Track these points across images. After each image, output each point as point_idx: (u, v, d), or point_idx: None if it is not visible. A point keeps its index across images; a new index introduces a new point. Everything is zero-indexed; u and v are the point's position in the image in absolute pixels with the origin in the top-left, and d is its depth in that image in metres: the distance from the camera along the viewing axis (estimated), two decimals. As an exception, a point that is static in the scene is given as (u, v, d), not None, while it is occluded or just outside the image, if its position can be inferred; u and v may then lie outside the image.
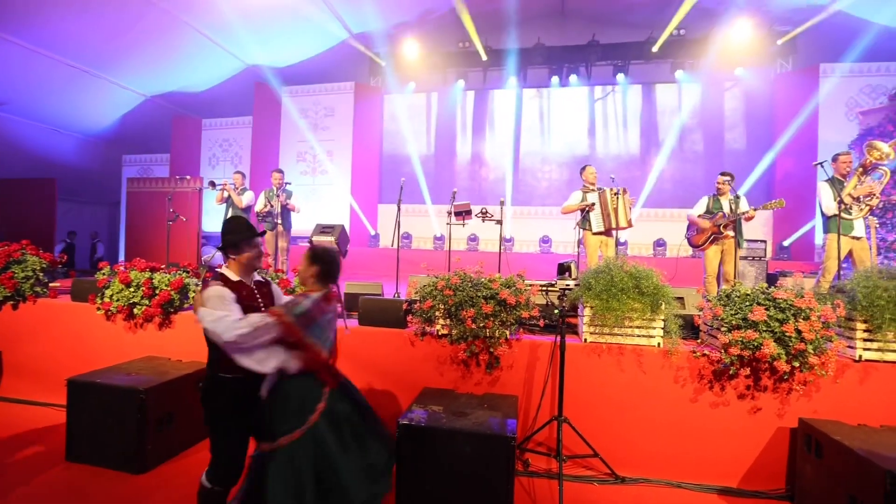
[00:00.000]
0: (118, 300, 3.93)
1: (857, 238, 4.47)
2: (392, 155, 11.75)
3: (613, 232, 5.17)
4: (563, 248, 9.81)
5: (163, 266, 4.28)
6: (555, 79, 10.53)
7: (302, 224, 7.67)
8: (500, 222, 5.11)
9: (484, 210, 5.12)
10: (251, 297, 2.19)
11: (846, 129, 8.60)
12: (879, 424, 2.71)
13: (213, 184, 6.63)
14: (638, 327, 3.08)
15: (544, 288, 3.78)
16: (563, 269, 4.55)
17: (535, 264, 8.43)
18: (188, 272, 4.18)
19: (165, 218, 6.50)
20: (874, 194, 4.43)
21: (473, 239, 9.92)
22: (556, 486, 2.75)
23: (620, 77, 10.23)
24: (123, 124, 11.41)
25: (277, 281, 3.68)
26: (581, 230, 5.27)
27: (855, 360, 2.89)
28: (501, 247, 5.26)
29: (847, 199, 4.41)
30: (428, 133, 11.68)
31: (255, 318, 1.97)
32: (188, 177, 8.52)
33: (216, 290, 2.05)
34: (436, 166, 11.51)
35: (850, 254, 4.49)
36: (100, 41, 8.51)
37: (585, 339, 3.16)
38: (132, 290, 3.93)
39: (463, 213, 5.25)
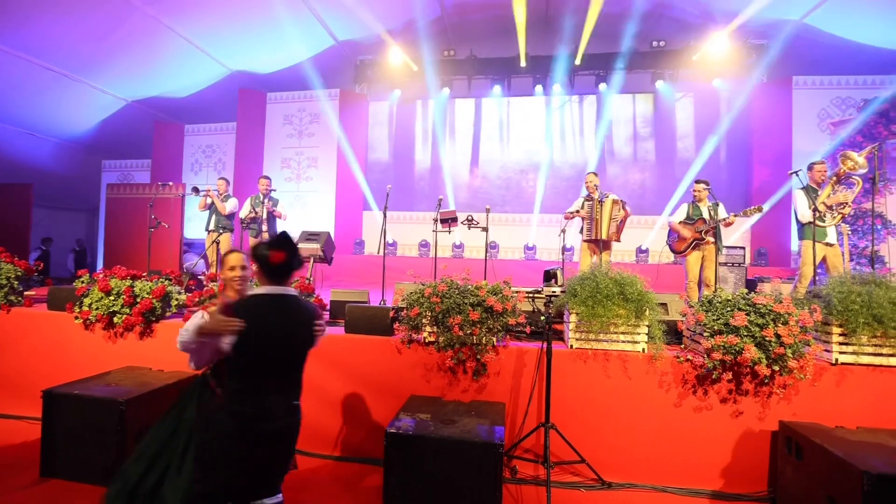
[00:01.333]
0: (97, 309, 3.83)
1: (831, 245, 4.62)
2: (377, 162, 11.74)
3: (607, 242, 5.24)
4: (547, 254, 9.89)
5: (144, 274, 4.20)
6: (539, 88, 10.68)
7: (287, 230, 7.58)
8: (485, 229, 5.15)
9: (470, 217, 5.15)
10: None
11: (819, 140, 8.89)
12: (856, 426, 2.79)
13: (196, 190, 6.54)
14: (623, 333, 3.12)
15: (531, 295, 3.81)
16: (549, 276, 4.60)
17: (520, 271, 8.48)
18: (170, 280, 4.10)
19: (147, 225, 6.37)
20: (847, 203, 4.59)
21: (459, 246, 9.94)
22: (543, 493, 2.75)
23: (602, 87, 10.43)
24: (103, 129, 11.18)
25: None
26: (564, 237, 5.38)
27: (831, 364, 2.97)
28: (487, 254, 5.29)
29: (821, 208, 4.56)
30: (413, 140, 11.71)
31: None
32: (170, 183, 8.39)
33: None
34: (422, 173, 11.53)
35: (823, 260, 4.63)
36: (80, 44, 8.35)
37: (571, 346, 3.18)
38: (112, 298, 3.84)
39: (449, 221, 5.27)
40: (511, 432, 3.16)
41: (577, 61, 10.02)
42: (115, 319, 3.79)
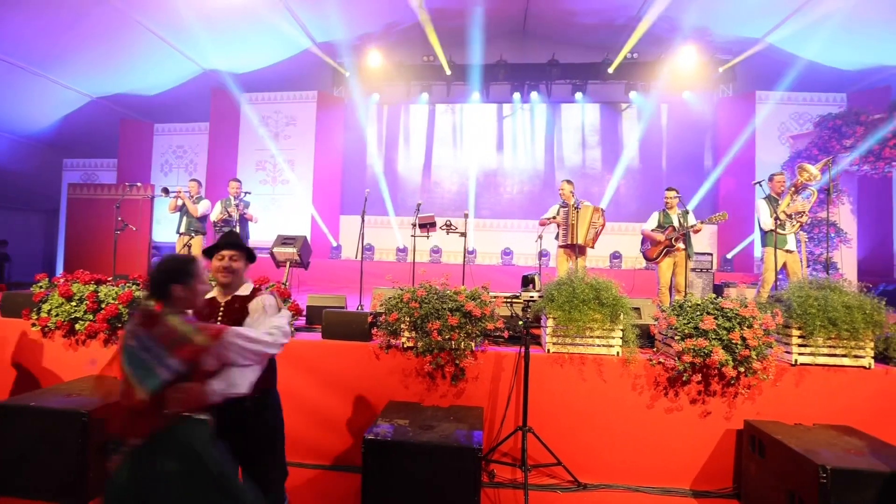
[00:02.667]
0: (57, 315, 3.67)
1: (790, 251, 4.87)
2: (355, 165, 11.67)
3: (583, 248, 5.36)
4: (524, 260, 10.02)
5: (109, 278, 4.05)
6: (516, 95, 10.85)
7: (262, 234, 7.45)
8: (464, 234, 5.18)
9: (448, 222, 5.18)
10: (208, 315, 2.07)
11: (779, 152, 9.35)
12: (812, 423, 2.94)
13: (166, 191, 6.35)
14: (598, 337, 3.20)
15: (509, 300, 3.86)
16: (527, 281, 4.67)
17: (497, 276, 8.55)
18: (138, 285, 3.97)
19: (112, 227, 6.14)
20: (804, 212, 4.84)
21: (436, 251, 9.96)
22: (521, 496, 2.79)
23: (578, 95, 10.68)
24: (65, 126, 10.70)
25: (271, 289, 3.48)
26: (541, 243, 5.49)
27: (791, 364, 3.12)
28: (465, 259, 5.33)
29: (781, 216, 4.80)
30: (392, 144, 11.69)
31: None
32: (138, 184, 8.10)
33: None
34: (399, 178, 11.52)
35: (784, 266, 4.87)
36: (39, 36, 7.99)
37: (549, 350, 3.24)
38: (74, 304, 3.68)
39: (427, 226, 5.29)
40: (489, 436, 3.19)
41: (554, 70, 10.25)
42: (78, 326, 3.63)
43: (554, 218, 5.46)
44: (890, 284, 7.93)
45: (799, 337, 3.13)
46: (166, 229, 9.64)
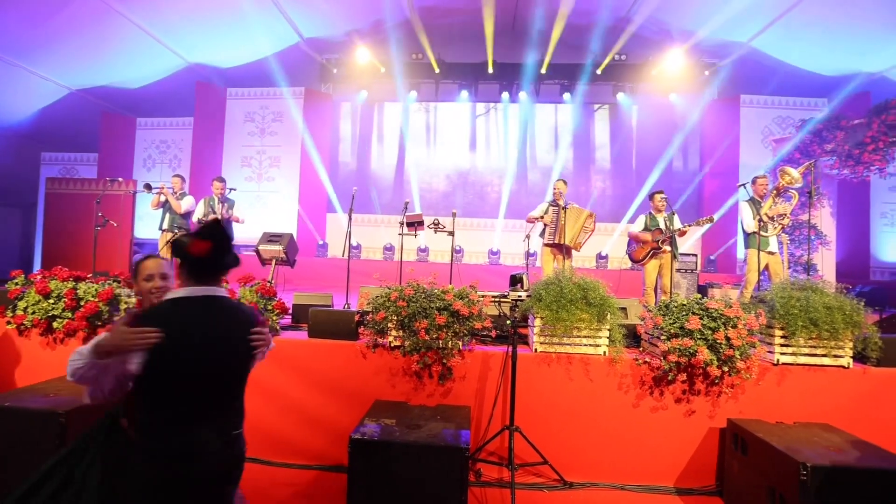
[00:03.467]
0: (34, 313, 3.56)
1: (772, 253, 4.96)
2: (342, 163, 11.57)
3: (569, 248, 5.38)
4: (511, 259, 10.05)
5: (89, 275, 3.94)
6: (505, 95, 10.87)
7: (248, 232, 7.33)
8: (451, 233, 5.17)
9: (436, 221, 5.16)
10: None
11: (762, 155, 9.53)
12: (793, 421, 2.99)
13: (148, 186, 6.21)
14: (585, 337, 3.21)
15: (497, 299, 3.86)
16: (515, 281, 4.67)
17: (484, 275, 8.56)
18: (119, 282, 3.87)
19: (92, 223, 5.99)
20: (786, 214, 4.94)
21: (424, 250, 9.93)
22: (508, 495, 2.79)
23: (567, 96, 10.74)
24: (43, 119, 10.40)
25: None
26: (528, 242, 5.51)
27: (773, 364, 3.17)
28: (453, 258, 5.32)
29: (764, 218, 4.88)
30: (379, 142, 11.62)
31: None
32: (120, 179, 7.92)
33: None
34: (387, 176, 11.46)
35: (766, 267, 4.96)
36: (16, 26, 7.75)
37: (536, 349, 3.24)
38: (52, 301, 3.58)
39: (415, 224, 5.26)
40: (476, 436, 3.18)
41: (543, 70, 10.28)
42: (55, 324, 3.53)
43: (542, 216, 5.48)
44: (867, 286, 8.14)
45: (781, 337, 3.18)
46: (149, 226, 9.44)
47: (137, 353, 1.42)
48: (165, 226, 6.30)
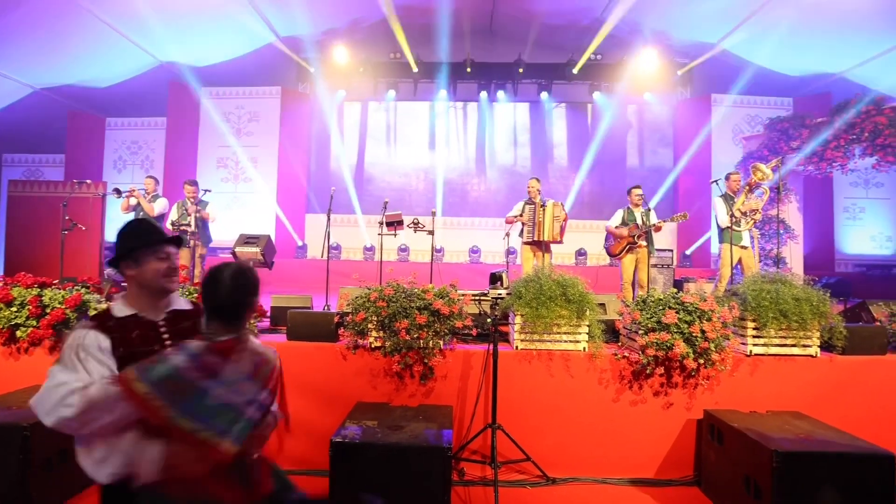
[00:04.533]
0: (-4, 321, 3.41)
1: (745, 247, 5.10)
2: (320, 163, 11.43)
3: (548, 244, 5.44)
4: (492, 257, 10.09)
5: (56, 281, 3.80)
6: (483, 94, 10.91)
7: (224, 234, 7.18)
8: (431, 233, 5.16)
9: (415, 220, 5.14)
10: (149, 341, 1.45)
11: (733, 152, 9.80)
12: (766, 410, 3.08)
13: (117, 191, 6.03)
14: (565, 333, 3.24)
15: (477, 297, 3.86)
16: (494, 279, 4.68)
17: (465, 274, 8.57)
18: (88, 288, 3.74)
19: (59, 227, 5.77)
20: (758, 210, 5.09)
21: (404, 249, 9.89)
22: (491, 493, 2.79)
23: (544, 95, 10.83)
24: (4, 119, 9.97)
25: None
26: (508, 240, 5.54)
27: (746, 355, 3.26)
28: (433, 257, 5.31)
29: (737, 214, 5.02)
30: (358, 142, 11.52)
31: (94, 390, 1.28)
32: (88, 181, 7.65)
33: (77, 336, 1.39)
34: (366, 176, 11.37)
35: (739, 261, 5.10)
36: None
37: (517, 347, 3.26)
38: (14, 309, 3.43)
39: (395, 224, 5.23)
40: (459, 435, 3.18)
41: (521, 70, 10.35)
42: (19, 333, 3.39)
43: (520, 216, 5.52)
44: (832, 277, 8.45)
45: (754, 329, 3.27)
46: (120, 229, 9.15)
47: None
48: (137, 229, 6.11)
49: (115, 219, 9.19)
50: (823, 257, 9.77)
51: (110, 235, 9.60)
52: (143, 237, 1.51)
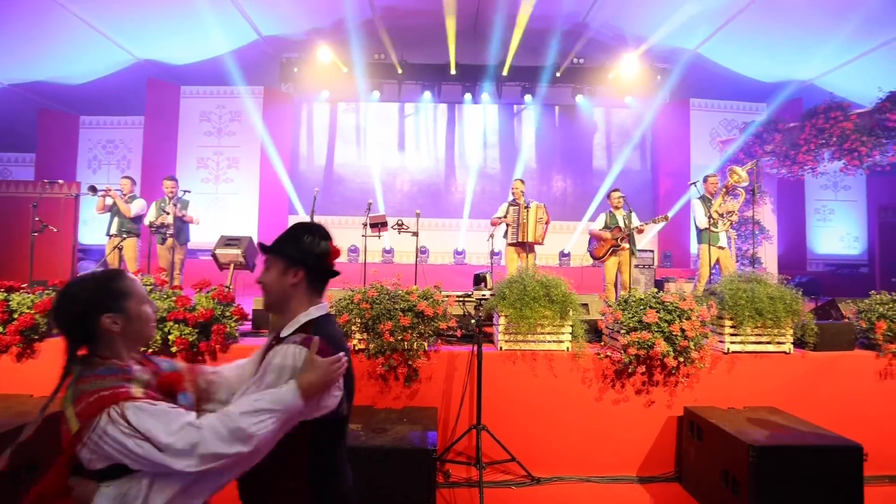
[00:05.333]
0: (-40, 327, 3.27)
1: (722, 248, 5.24)
2: (304, 164, 11.32)
3: (532, 245, 5.48)
4: (476, 258, 10.13)
5: (24, 285, 3.66)
6: (468, 95, 10.95)
7: (204, 235, 7.04)
8: (415, 234, 5.16)
9: (400, 222, 5.13)
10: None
11: (711, 155, 10.06)
12: (743, 406, 3.16)
13: (93, 189, 5.85)
14: (549, 333, 3.27)
15: (461, 298, 3.87)
16: (478, 280, 4.70)
17: (450, 275, 8.59)
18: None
19: (29, 228, 5.58)
20: (734, 211, 5.22)
21: (389, 251, 9.86)
22: (476, 494, 2.80)
23: (528, 98, 10.92)
24: (-29, 117, 9.64)
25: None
26: (493, 242, 5.58)
27: (724, 353, 3.34)
28: (417, 258, 5.31)
29: (715, 215, 5.14)
30: (342, 143, 11.44)
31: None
32: (60, 181, 7.42)
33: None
34: (350, 177, 11.29)
35: (717, 261, 5.23)
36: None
37: (501, 347, 3.28)
38: (-21, 314, 3.30)
39: (379, 225, 5.21)
40: (444, 436, 3.18)
41: (505, 72, 10.42)
42: (-15, 340, 3.26)
43: (504, 217, 5.57)
44: (804, 276, 8.74)
45: (731, 327, 3.35)
46: (95, 231, 8.93)
47: (337, 385, 1.21)
48: (113, 230, 5.97)
49: (90, 220, 8.98)
50: (796, 257, 10.09)
51: (85, 237, 9.35)
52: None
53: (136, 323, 1.19)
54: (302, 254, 1.29)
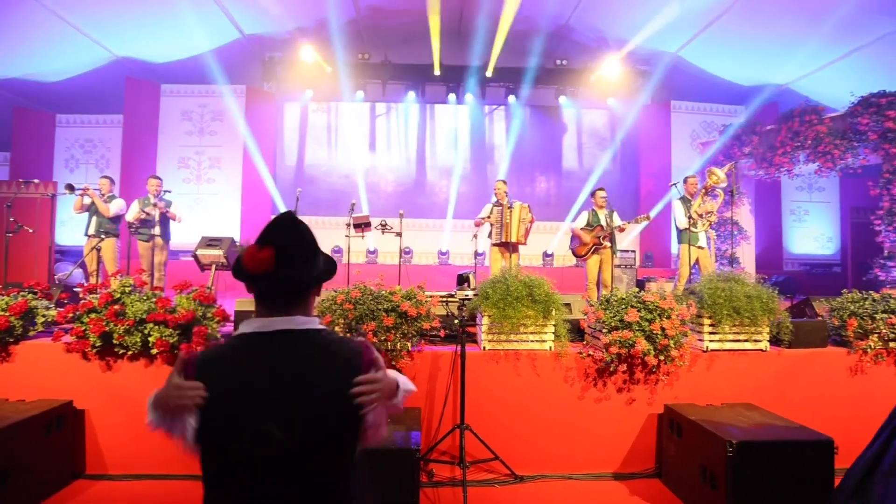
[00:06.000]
0: (-70, 330, 3.17)
1: (702, 248, 5.34)
2: (287, 164, 11.21)
3: (516, 245, 5.52)
4: (461, 259, 10.15)
5: (-2, 287, 3.57)
6: (452, 96, 10.97)
7: (185, 236, 6.93)
8: (399, 234, 5.15)
9: (383, 222, 5.13)
10: None
11: (691, 157, 10.24)
12: (721, 402, 3.23)
13: (70, 187, 5.72)
14: (532, 333, 3.30)
15: (444, 299, 3.88)
16: (461, 280, 4.72)
17: (434, 276, 8.58)
18: (35, 293, 3.53)
19: (3, 229, 5.44)
20: (713, 212, 5.34)
21: (373, 251, 9.82)
22: (460, 493, 2.81)
23: (512, 99, 10.99)
24: (-59, 115, 9.33)
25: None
26: (476, 242, 5.61)
27: (703, 351, 3.40)
28: (401, 259, 5.30)
29: (694, 216, 5.25)
30: (325, 143, 11.37)
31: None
32: (36, 180, 7.24)
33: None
34: (333, 177, 11.22)
35: (697, 261, 5.34)
36: None
37: (484, 347, 3.30)
38: (-49, 317, 3.20)
39: (362, 226, 5.20)
40: (427, 436, 3.18)
41: (489, 73, 10.46)
42: (-43, 342, 3.16)
43: (488, 217, 5.60)
44: (781, 276, 8.97)
45: (710, 325, 3.42)
46: (73, 231, 8.72)
47: (189, 415, 1.03)
48: (92, 231, 5.84)
49: (68, 220, 8.76)
50: (773, 257, 10.34)
51: (62, 238, 9.11)
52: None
53: None
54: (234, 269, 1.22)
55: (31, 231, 5.95)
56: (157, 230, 5.78)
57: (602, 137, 11.45)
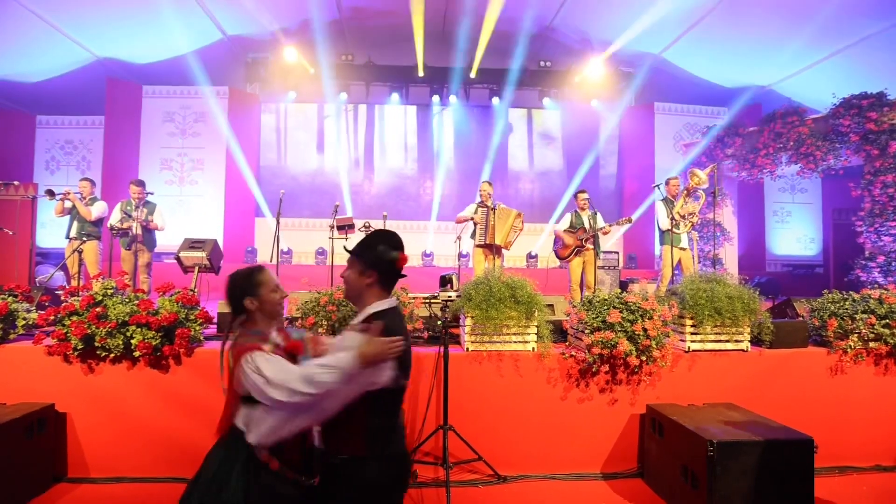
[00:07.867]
0: None
1: (684, 249, 5.40)
2: (270, 165, 11.11)
3: (500, 248, 5.52)
4: (444, 261, 10.13)
5: (-24, 290, 3.48)
6: (436, 97, 10.96)
7: (169, 239, 6.82)
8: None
9: (367, 224, 5.10)
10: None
11: (674, 158, 10.34)
12: (703, 402, 3.26)
13: (51, 193, 5.61)
14: (515, 334, 3.30)
15: (427, 300, 3.87)
16: (444, 281, 4.71)
17: (418, 277, 8.55)
18: (16, 296, 3.45)
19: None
20: (695, 213, 5.40)
21: (360, 253, 9.76)
22: (443, 494, 2.80)
23: (495, 100, 11.01)
24: (-84, 115, 9.08)
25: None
26: (460, 243, 5.61)
27: (685, 351, 3.43)
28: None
29: (676, 217, 5.30)
30: (308, 145, 11.29)
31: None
32: (16, 182, 7.09)
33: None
34: (318, 179, 11.15)
35: (679, 262, 5.39)
36: None
37: (467, 348, 3.29)
38: (-74, 322, 3.12)
39: (346, 227, 5.17)
40: (411, 437, 3.16)
41: (472, 74, 10.47)
42: (-70, 347, 3.08)
43: (473, 217, 5.58)
44: (763, 277, 9.10)
45: (691, 326, 3.44)
46: (54, 233, 8.56)
47: (391, 363, 1.51)
48: (73, 234, 5.74)
49: (48, 223, 8.58)
50: (756, 258, 10.48)
51: (43, 240, 8.92)
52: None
53: (268, 304, 1.68)
54: (376, 260, 1.65)
55: (11, 233, 5.83)
56: (135, 232, 5.68)
57: (586, 139, 11.51)
